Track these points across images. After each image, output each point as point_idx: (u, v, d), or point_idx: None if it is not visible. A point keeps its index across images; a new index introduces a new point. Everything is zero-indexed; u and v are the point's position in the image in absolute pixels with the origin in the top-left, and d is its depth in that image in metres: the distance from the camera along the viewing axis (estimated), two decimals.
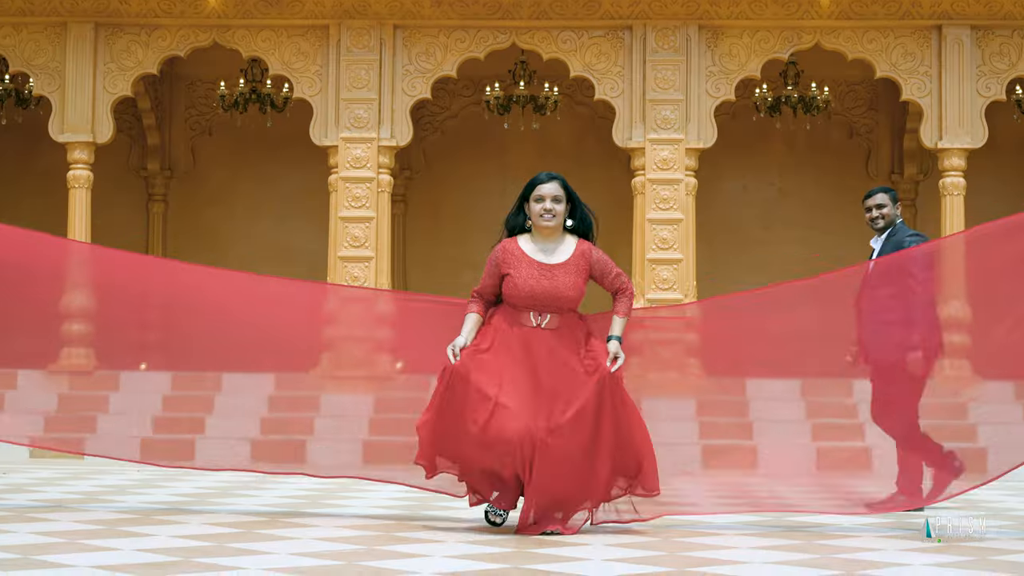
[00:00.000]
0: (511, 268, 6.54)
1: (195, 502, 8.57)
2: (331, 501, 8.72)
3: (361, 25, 14.39)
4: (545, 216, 6.55)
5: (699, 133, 14.25)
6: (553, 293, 6.49)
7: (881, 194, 8.69)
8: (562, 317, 6.56)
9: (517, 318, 6.54)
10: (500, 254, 6.61)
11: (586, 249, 6.63)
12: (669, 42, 14.27)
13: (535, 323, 6.52)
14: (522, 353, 6.51)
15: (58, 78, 14.51)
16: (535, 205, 6.58)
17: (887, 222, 8.64)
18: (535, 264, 6.53)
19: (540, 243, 6.62)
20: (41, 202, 17.11)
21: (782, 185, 17.65)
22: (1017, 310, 7.31)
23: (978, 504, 9.21)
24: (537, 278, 6.48)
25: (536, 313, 6.51)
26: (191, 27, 14.51)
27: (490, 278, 6.65)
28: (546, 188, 6.57)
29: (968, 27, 14.17)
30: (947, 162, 14.18)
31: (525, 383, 6.47)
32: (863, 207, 8.77)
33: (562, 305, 6.54)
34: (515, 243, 6.63)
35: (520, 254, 6.57)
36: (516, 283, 6.50)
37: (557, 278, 6.50)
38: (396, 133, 14.41)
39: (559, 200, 6.57)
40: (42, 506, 8.14)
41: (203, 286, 8.50)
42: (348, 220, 14.37)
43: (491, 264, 6.64)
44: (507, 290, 6.57)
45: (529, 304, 6.51)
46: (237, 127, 17.13)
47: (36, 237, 8.67)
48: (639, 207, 14.27)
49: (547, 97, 15.86)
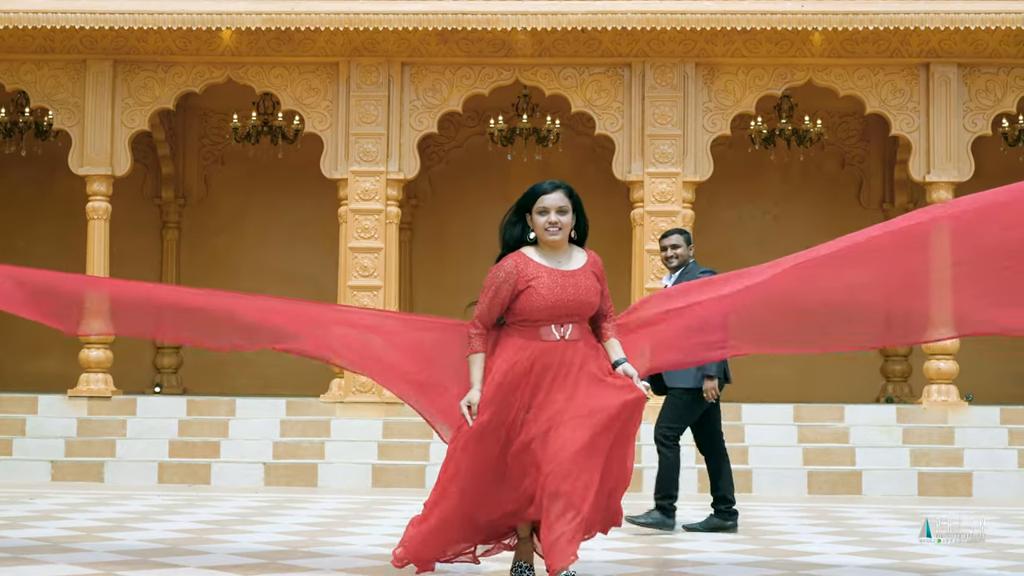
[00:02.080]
0: (532, 280, 5.95)
1: (217, 530, 9.08)
2: (344, 528, 9.22)
3: (370, 62, 14.94)
4: (551, 230, 5.97)
5: (696, 167, 14.80)
6: (579, 299, 5.97)
7: (676, 235, 9.38)
8: (581, 328, 6.06)
9: (536, 334, 5.97)
10: (513, 269, 5.97)
11: (595, 259, 6.14)
12: (667, 79, 14.82)
13: (558, 336, 5.96)
14: (543, 373, 5.97)
15: (78, 113, 15.07)
16: (539, 218, 5.98)
17: (680, 261, 9.31)
18: (556, 272, 5.98)
19: (549, 255, 6.03)
20: (60, 226, 17.70)
21: (777, 213, 18.17)
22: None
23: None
24: (563, 286, 5.94)
25: (558, 325, 5.96)
26: (206, 64, 15.07)
27: (498, 298, 5.98)
28: (550, 199, 5.98)
29: (955, 65, 14.73)
30: (935, 195, 14.72)
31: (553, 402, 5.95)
32: (660, 246, 9.39)
33: (584, 312, 6.06)
34: (524, 256, 6.03)
35: (536, 265, 5.99)
36: (541, 293, 5.91)
37: (581, 284, 5.99)
38: (404, 166, 14.96)
39: (565, 211, 5.99)
40: (71, 534, 8.65)
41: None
42: (357, 250, 14.91)
43: (497, 283, 5.98)
44: (526, 304, 5.95)
45: (551, 316, 5.94)
46: (249, 157, 17.68)
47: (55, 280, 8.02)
48: (638, 238, 14.81)
49: (549, 130, 16.40)
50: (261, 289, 17.75)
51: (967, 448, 13.91)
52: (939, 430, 14.27)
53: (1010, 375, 17.10)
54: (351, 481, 13.43)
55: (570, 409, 5.87)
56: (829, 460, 13.74)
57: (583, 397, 5.88)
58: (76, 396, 14.88)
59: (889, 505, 12.04)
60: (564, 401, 5.89)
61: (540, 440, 5.88)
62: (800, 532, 9.47)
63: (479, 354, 6.04)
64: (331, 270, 16.12)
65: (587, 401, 5.87)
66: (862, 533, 9.44)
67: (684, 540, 8.64)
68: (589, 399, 5.87)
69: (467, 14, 14.31)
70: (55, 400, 14.90)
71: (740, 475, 13.44)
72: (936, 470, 13.48)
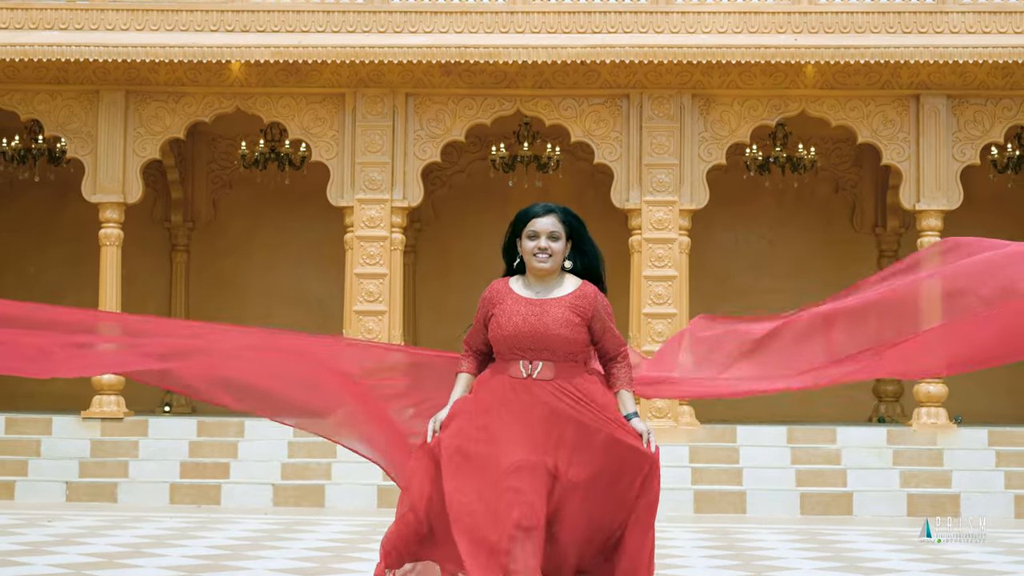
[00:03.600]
0: (497, 308, 5.34)
1: (230, 555, 9.48)
2: (352, 554, 9.61)
3: (375, 93, 15.36)
4: (539, 256, 5.31)
5: (692, 195, 15.23)
6: (543, 332, 5.20)
7: None
8: (558, 366, 5.22)
9: (506, 369, 5.27)
10: (488, 294, 5.43)
11: (590, 291, 5.33)
12: (664, 110, 15.25)
13: (525, 373, 5.23)
14: (517, 408, 5.24)
15: (91, 142, 15.49)
16: (527, 242, 5.35)
17: None
18: (523, 300, 5.31)
19: (534, 285, 5.37)
20: (71, 249, 18.10)
21: (772, 237, 18.58)
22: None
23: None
24: (524, 315, 5.24)
25: (526, 362, 5.24)
26: (215, 94, 15.49)
27: (478, 323, 5.45)
28: (541, 223, 5.33)
29: (944, 96, 15.16)
30: (925, 223, 15.15)
31: (521, 437, 5.19)
32: None
33: (557, 347, 5.21)
34: (505, 283, 5.43)
35: (509, 292, 5.36)
36: (500, 322, 5.27)
37: (547, 313, 5.24)
38: (408, 194, 15.39)
39: (556, 237, 5.33)
40: (92, 560, 9.05)
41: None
42: (363, 276, 15.33)
43: (479, 306, 5.46)
44: (492, 334, 5.34)
45: (513, 349, 5.25)
46: (256, 182, 18.09)
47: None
48: (636, 264, 15.23)
49: (549, 157, 16.80)
50: (267, 308, 18.22)
51: (956, 470, 14.32)
52: (928, 452, 14.68)
53: (1002, 389, 17.44)
54: (358, 502, 13.83)
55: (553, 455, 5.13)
56: (822, 481, 14.14)
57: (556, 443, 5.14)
58: (89, 417, 15.28)
59: (879, 527, 12.44)
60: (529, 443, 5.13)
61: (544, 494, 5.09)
62: (790, 557, 9.86)
63: (462, 374, 5.48)
64: (337, 294, 16.54)
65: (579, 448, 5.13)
66: (848, 559, 9.84)
67: (676, 566, 9.02)
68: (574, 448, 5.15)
69: (469, 47, 14.73)
70: (69, 421, 15.31)
71: (735, 496, 13.88)
72: (925, 491, 13.90)
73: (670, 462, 13.49)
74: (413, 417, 5.71)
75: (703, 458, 14.57)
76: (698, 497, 13.81)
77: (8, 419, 15.27)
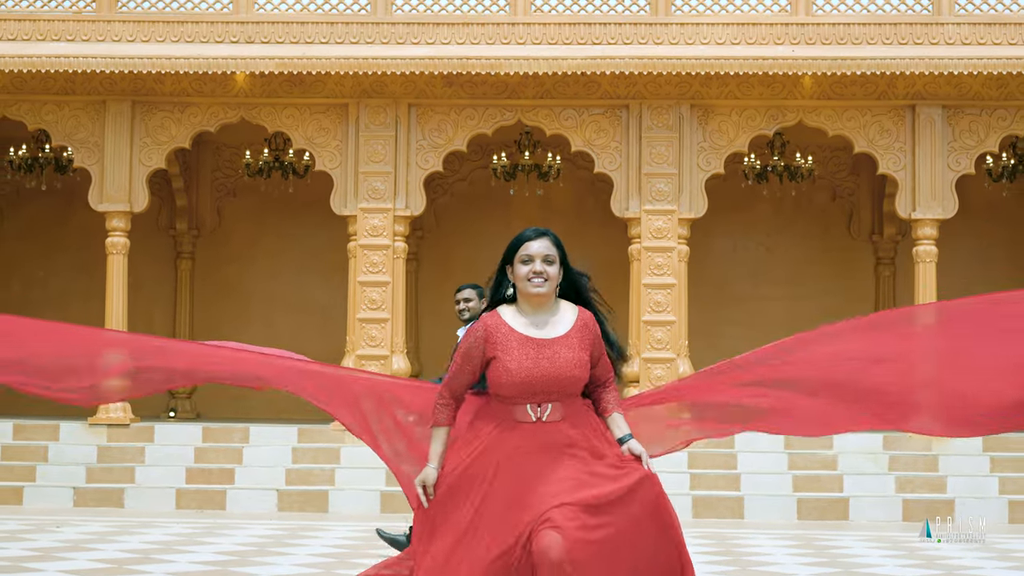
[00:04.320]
0: (499, 350, 5.07)
1: (237, 562, 9.67)
2: (356, 560, 9.80)
3: (378, 104, 15.57)
4: (535, 280, 5.10)
5: (691, 204, 15.43)
6: (556, 376, 5.01)
7: (469, 290, 9.85)
8: (566, 405, 5.07)
9: (511, 414, 5.05)
10: (483, 332, 5.11)
11: (588, 319, 5.18)
12: (663, 120, 15.45)
13: (534, 417, 5.04)
14: (522, 462, 5.00)
15: (97, 152, 15.70)
16: (521, 267, 5.12)
17: (472, 314, 9.76)
18: (529, 342, 5.07)
19: (530, 315, 5.13)
20: (77, 257, 18.31)
21: (770, 244, 18.77)
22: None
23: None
24: (535, 359, 5.03)
25: (534, 405, 5.04)
26: (220, 105, 15.70)
27: (468, 365, 5.12)
28: (535, 246, 5.13)
29: (940, 106, 15.37)
30: (920, 231, 15.35)
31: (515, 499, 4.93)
32: (454, 299, 9.80)
33: (567, 388, 5.06)
34: (498, 317, 5.14)
35: (508, 331, 5.09)
36: (509, 368, 5.02)
37: (559, 355, 5.04)
38: (411, 204, 15.59)
39: (551, 261, 5.13)
40: (102, 567, 9.25)
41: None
42: (366, 284, 15.53)
43: (468, 347, 5.11)
44: (495, 378, 5.07)
45: (522, 394, 5.03)
46: (260, 190, 18.29)
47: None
48: (635, 273, 15.42)
49: (550, 166, 17.00)
50: (271, 314, 18.45)
51: (951, 475, 14.52)
52: (924, 458, 14.88)
53: None
54: (361, 508, 14.03)
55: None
56: (818, 487, 14.34)
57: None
58: (96, 423, 15.48)
59: (875, 532, 12.64)
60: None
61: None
62: (787, 563, 10.06)
63: (442, 428, 5.15)
64: (339, 301, 16.75)
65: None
66: (844, 564, 10.03)
67: None
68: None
69: (471, 59, 14.93)
70: (76, 427, 15.50)
71: (733, 501, 14.09)
72: (920, 497, 14.11)
73: (668, 468, 13.68)
74: (415, 424, 5.48)
75: (701, 464, 14.76)
76: (696, 502, 14.01)
77: (16, 425, 15.48)
